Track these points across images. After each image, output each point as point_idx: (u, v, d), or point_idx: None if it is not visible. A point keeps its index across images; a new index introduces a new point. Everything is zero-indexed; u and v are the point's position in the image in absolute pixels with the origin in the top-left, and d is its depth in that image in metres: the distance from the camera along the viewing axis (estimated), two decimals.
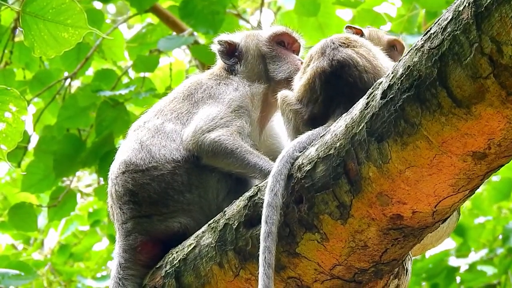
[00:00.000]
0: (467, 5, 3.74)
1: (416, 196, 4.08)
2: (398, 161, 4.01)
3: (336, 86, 4.68)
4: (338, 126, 4.26)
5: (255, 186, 4.56)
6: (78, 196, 11.78)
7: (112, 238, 10.36)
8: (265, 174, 4.66)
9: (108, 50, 9.90)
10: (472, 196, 4.23)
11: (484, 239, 11.81)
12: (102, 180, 10.15)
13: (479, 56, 3.71)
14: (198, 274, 4.62)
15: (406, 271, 4.61)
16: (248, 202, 4.51)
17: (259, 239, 4.25)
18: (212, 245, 4.59)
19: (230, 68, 5.35)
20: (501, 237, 11.47)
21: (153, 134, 5.05)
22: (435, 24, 3.90)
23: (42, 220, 11.07)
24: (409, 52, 3.99)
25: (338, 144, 4.21)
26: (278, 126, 5.28)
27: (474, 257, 11.42)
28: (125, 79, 10.22)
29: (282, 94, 4.89)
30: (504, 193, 11.20)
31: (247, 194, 4.55)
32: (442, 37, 3.82)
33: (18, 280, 8.71)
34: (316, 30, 9.58)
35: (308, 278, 4.40)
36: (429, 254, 11.24)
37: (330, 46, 4.77)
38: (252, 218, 4.47)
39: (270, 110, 5.29)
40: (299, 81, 4.86)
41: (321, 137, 4.36)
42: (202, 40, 10.26)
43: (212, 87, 5.21)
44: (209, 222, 4.69)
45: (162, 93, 9.05)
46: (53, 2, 4.42)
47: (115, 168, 5.06)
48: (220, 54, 5.40)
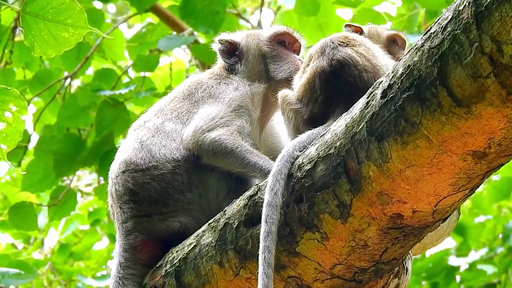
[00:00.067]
0: (467, 4, 3.74)
1: (416, 195, 4.08)
2: (398, 160, 4.01)
3: (336, 85, 4.68)
4: (338, 126, 4.26)
5: (255, 185, 4.56)
6: (78, 195, 11.77)
7: (112, 238, 10.35)
8: (265, 174, 4.65)
9: (108, 50, 9.90)
10: (472, 195, 4.23)
11: (484, 238, 11.80)
12: (102, 179, 10.15)
13: (479, 55, 3.71)
14: (198, 273, 4.62)
15: (406, 270, 4.60)
16: (248, 202, 4.51)
17: (259, 239, 4.25)
18: (212, 244, 4.59)
19: (231, 67, 5.35)
20: (501, 236, 11.46)
21: (153, 134, 5.04)
22: (435, 23, 3.90)
23: (42, 219, 11.05)
24: (409, 51, 3.99)
25: (338, 143, 4.21)
26: (278, 125, 5.28)
27: (474, 256, 11.42)
28: (125, 79, 10.21)
29: (282, 93, 4.89)
30: (504, 192, 11.19)
31: (247, 193, 4.55)
32: (442, 36, 3.82)
33: (18, 279, 8.70)
34: (316, 30, 9.57)
35: (308, 277, 4.40)
36: (429, 253, 11.23)
37: (330, 46, 4.77)
38: (252, 218, 4.47)
39: (270, 110, 5.29)
40: (299, 80, 4.86)
41: (321, 136, 4.35)
42: (202, 39, 10.25)
43: (212, 87, 5.20)
44: (209, 222, 4.69)
45: (162, 92, 9.05)
46: (53, 2, 4.42)
47: (115, 167, 5.06)
48: (220, 53, 5.39)
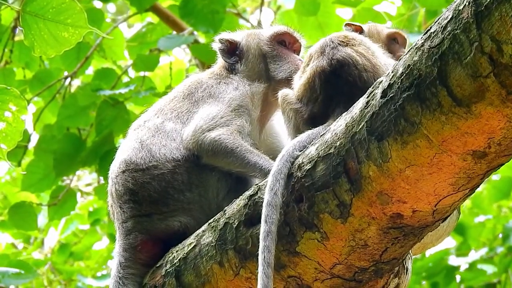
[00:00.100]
0: (467, 4, 3.74)
1: (416, 195, 4.08)
2: (398, 160, 4.01)
3: (335, 85, 4.68)
4: (338, 125, 4.25)
5: (255, 185, 4.56)
6: (78, 195, 11.78)
7: (112, 237, 10.36)
8: (265, 173, 4.65)
9: (108, 49, 9.90)
10: (472, 195, 4.23)
11: (484, 238, 11.81)
12: (102, 179, 10.15)
13: (479, 55, 3.71)
14: (198, 273, 4.62)
15: (406, 270, 4.60)
16: (248, 201, 4.51)
17: (259, 238, 4.25)
18: (212, 244, 4.59)
19: (231, 67, 5.34)
20: (501, 236, 11.47)
21: (153, 133, 5.04)
22: (435, 23, 3.90)
23: (42, 219, 11.06)
24: (409, 51, 3.99)
25: (338, 143, 4.21)
26: (278, 125, 5.28)
27: (474, 256, 11.42)
28: (125, 78, 10.21)
29: (282, 92, 4.89)
30: (504, 192, 11.20)
31: (247, 193, 4.55)
32: (442, 36, 3.82)
33: (18, 279, 8.70)
34: (316, 29, 9.57)
35: (308, 277, 4.40)
36: (429, 253, 11.24)
37: (329, 45, 4.77)
38: (252, 217, 4.47)
39: (270, 109, 5.29)
40: (299, 80, 4.85)
41: (321, 136, 4.35)
42: (202, 39, 10.25)
43: (212, 86, 5.20)
44: (209, 221, 4.69)
45: (162, 92, 9.06)
46: (53, 2, 4.42)
47: (115, 167, 5.06)
48: (221, 53, 5.39)
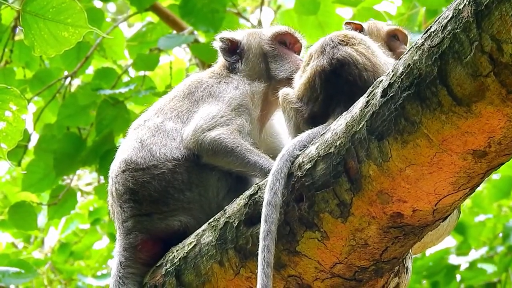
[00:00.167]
0: (467, 3, 3.74)
1: (416, 194, 4.08)
2: (399, 159, 4.01)
3: (336, 84, 4.68)
4: (338, 125, 4.25)
5: (256, 184, 4.56)
6: (79, 194, 11.79)
7: (112, 237, 10.36)
8: (265, 173, 4.65)
9: (108, 49, 9.90)
10: (472, 194, 4.23)
11: (484, 237, 11.81)
12: (102, 178, 10.15)
13: (479, 54, 3.71)
14: (198, 272, 4.62)
15: (407, 269, 4.60)
16: (248, 201, 4.51)
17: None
18: (212, 243, 4.59)
19: (231, 66, 5.34)
20: (501, 235, 11.47)
21: (153, 133, 5.04)
22: (435, 22, 3.90)
23: (42, 218, 11.05)
24: (409, 50, 3.99)
25: (339, 142, 4.21)
26: (278, 124, 5.28)
27: (474, 255, 11.42)
28: (125, 78, 10.22)
29: (283, 92, 4.89)
30: (504, 191, 11.20)
31: (248, 193, 4.55)
32: (443, 35, 3.82)
33: (18, 278, 8.70)
34: (316, 29, 9.57)
35: (308, 276, 4.40)
36: (429, 252, 11.24)
37: (330, 45, 4.76)
38: (252, 217, 4.47)
39: (270, 109, 5.29)
40: (299, 79, 4.85)
41: (321, 135, 4.35)
42: (202, 38, 10.25)
43: (212, 86, 5.20)
44: (209, 221, 4.69)
45: (162, 91, 9.05)
46: (53, 1, 4.42)
47: (116, 166, 5.06)
48: (221, 51, 5.39)
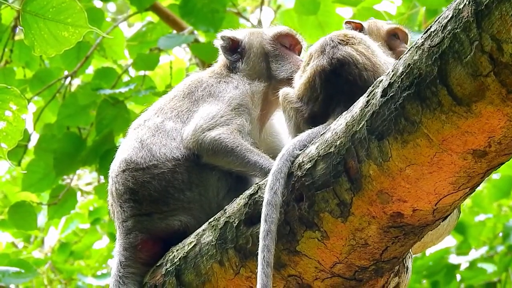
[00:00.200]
0: (467, 3, 3.74)
1: (416, 194, 4.08)
2: (399, 159, 4.01)
3: (336, 84, 4.68)
4: (338, 124, 4.25)
5: (256, 184, 4.56)
6: (79, 194, 11.79)
7: (112, 236, 10.36)
8: (265, 172, 4.65)
9: (108, 49, 9.90)
10: (472, 194, 4.23)
11: (484, 237, 11.80)
12: (102, 178, 10.15)
13: (479, 54, 3.71)
14: (198, 272, 4.62)
15: (407, 269, 4.60)
16: (248, 200, 4.51)
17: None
18: (212, 243, 4.59)
19: (232, 65, 5.34)
20: (501, 234, 11.46)
21: (153, 133, 5.04)
22: (436, 22, 3.90)
23: (42, 218, 11.05)
24: (409, 50, 3.99)
25: (339, 142, 4.21)
26: (279, 124, 5.28)
27: (474, 254, 11.42)
28: (125, 77, 10.22)
29: (283, 91, 4.89)
30: (504, 191, 11.20)
31: (248, 192, 4.55)
32: (443, 35, 3.82)
33: (18, 278, 8.70)
34: (316, 29, 9.57)
35: (308, 276, 4.40)
36: (429, 252, 11.24)
37: (329, 44, 4.76)
38: (252, 216, 4.47)
39: (270, 108, 5.29)
40: (300, 79, 4.85)
41: (321, 135, 4.35)
42: (202, 38, 10.25)
43: (212, 85, 5.20)
44: (209, 220, 4.69)
45: (162, 91, 9.05)
46: (53, 1, 4.42)
47: (116, 166, 5.06)
48: (222, 50, 5.39)
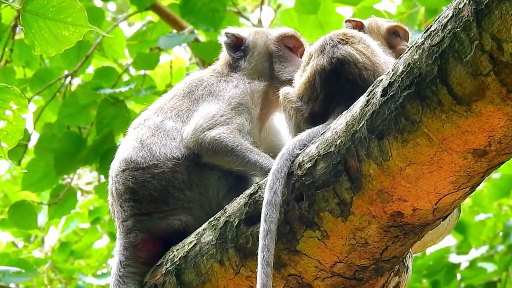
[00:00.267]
0: (468, 2, 3.74)
1: (416, 193, 4.08)
2: (399, 158, 4.01)
3: (336, 84, 4.68)
4: (338, 124, 4.25)
5: (256, 183, 4.56)
6: (79, 193, 11.79)
7: (112, 236, 10.36)
8: (265, 172, 4.65)
9: (108, 48, 9.90)
10: (472, 193, 4.23)
11: (484, 236, 11.80)
12: (102, 177, 10.15)
13: (480, 53, 3.71)
14: (198, 271, 4.62)
15: (407, 268, 4.60)
16: (248, 200, 4.51)
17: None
18: (212, 242, 4.59)
19: (234, 63, 5.34)
20: (501, 234, 11.47)
21: (153, 133, 5.04)
22: (436, 21, 3.89)
23: (42, 217, 11.06)
24: (409, 49, 3.99)
25: (339, 141, 4.21)
26: (279, 123, 5.28)
27: (474, 254, 11.43)
28: (125, 77, 10.22)
29: (283, 90, 4.89)
30: (504, 190, 11.20)
31: (248, 192, 4.55)
32: (443, 34, 3.82)
33: (18, 277, 8.71)
34: (316, 28, 9.57)
35: (308, 275, 4.40)
36: (429, 251, 11.24)
37: (329, 44, 4.76)
38: (252, 216, 4.47)
39: (271, 108, 5.28)
40: (300, 79, 4.85)
41: (321, 134, 4.35)
42: (203, 37, 10.25)
43: (212, 84, 5.20)
44: (209, 220, 4.69)
45: (163, 90, 9.05)
46: (53, 0, 4.42)
47: (116, 166, 5.06)
48: (226, 46, 5.39)
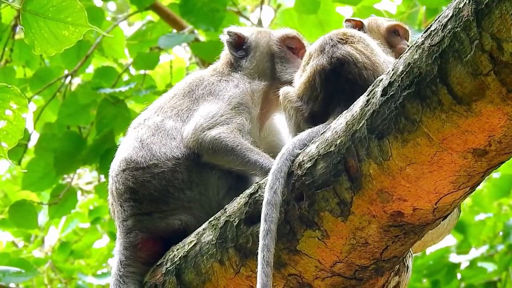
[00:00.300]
0: (468, 2, 3.74)
1: (416, 193, 4.08)
2: (399, 158, 4.01)
3: (336, 83, 4.68)
4: (338, 123, 4.25)
5: (256, 183, 4.56)
6: (79, 193, 11.79)
7: (112, 236, 10.37)
8: (265, 172, 4.65)
9: (108, 48, 9.90)
10: (472, 193, 4.23)
11: (484, 236, 11.81)
12: (102, 177, 10.15)
13: (480, 53, 3.71)
14: (198, 271, 4.62)
15: (407, 268, 4.60)
16: (248, 199, 4.51)
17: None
18: (212, 242, 4.59)
19: (236, 62, 5.34)
20: (501, 234, 11.47)
21: (153, 132, 5.04)
22: (436, 21, 3.90)
23: (42, 217, 11.06)
24: (409, 49, 3.99)
25: (339, 141, 4.21)
26: (279, 123, 5.28)
27: (474, 253, 11.43)
28: (125, 77, 10.22)
29: (283, 90, 4.89)
30: (504, 190, 11.20)
31: (248, 191, 4.55)
32: (443, 34, 3.82)
33: (18, 277, 8.70)
34: (316, 28, 9.58)
35: (308, 275, 4.40)
36: (429, 251, 11.24)
37: (329, 43, 4.76)
38: (252, 216, 4.47)
39: (271, 107, 5.28)
40: (300, 78, 4.85)
41: (321, 134, 4.35)
42: (203, 37, 10.25)
43: (212, 84, 5.20)
44: (209, 219, 4.69)
45: (163, 90, 9.06)
46: (53, 0, 4.42)
47: (116, 165, 5.06)
48: (228, 45, 5.38)
